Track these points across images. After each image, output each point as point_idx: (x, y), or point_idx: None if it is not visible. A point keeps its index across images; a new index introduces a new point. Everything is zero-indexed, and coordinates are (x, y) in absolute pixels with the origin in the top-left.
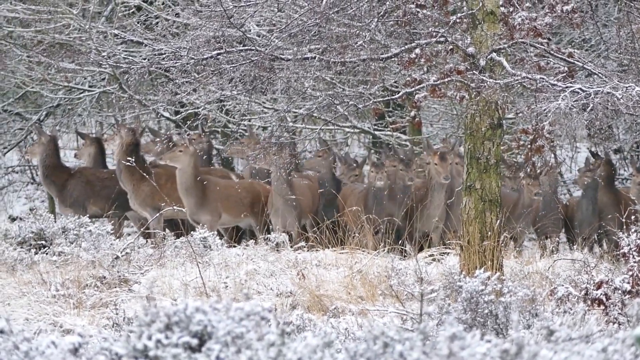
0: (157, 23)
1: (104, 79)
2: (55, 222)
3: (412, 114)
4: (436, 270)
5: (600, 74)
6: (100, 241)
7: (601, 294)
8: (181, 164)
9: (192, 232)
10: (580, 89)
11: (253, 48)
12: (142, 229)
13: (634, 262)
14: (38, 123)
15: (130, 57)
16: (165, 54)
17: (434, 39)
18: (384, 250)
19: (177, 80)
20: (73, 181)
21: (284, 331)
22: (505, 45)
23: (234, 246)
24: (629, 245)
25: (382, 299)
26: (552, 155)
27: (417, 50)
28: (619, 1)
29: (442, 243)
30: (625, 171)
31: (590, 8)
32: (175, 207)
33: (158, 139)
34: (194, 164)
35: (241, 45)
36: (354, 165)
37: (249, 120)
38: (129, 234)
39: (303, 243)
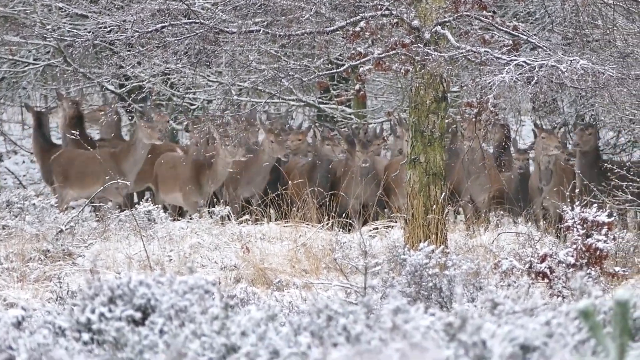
0: None
1: (48, 52)
2: None
3: (357, 87)
4: (380, 243)
5: (544, 47)
6: (45, 214)
7: (545, 267)
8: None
9: (136, 205)
10: (524, 62)
11: (198, 21)
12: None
13: (578, 235)
14: None
15: (75, 30)
16: (109, 27)
17: (379, 12)
18: (327, 223)
19: (122, 54)
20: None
21: (228, 304)
22: (450, 18)
23: (178, 219)
24: (573, 218)
25: (326, 273)
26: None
27: (362, 24)
28: None
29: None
30: (569, 145)
31: None
32: (119, 181)
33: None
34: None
35: (186, 18)
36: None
37: (194, 94)
38: (73, 208)
39: (247, 216)
